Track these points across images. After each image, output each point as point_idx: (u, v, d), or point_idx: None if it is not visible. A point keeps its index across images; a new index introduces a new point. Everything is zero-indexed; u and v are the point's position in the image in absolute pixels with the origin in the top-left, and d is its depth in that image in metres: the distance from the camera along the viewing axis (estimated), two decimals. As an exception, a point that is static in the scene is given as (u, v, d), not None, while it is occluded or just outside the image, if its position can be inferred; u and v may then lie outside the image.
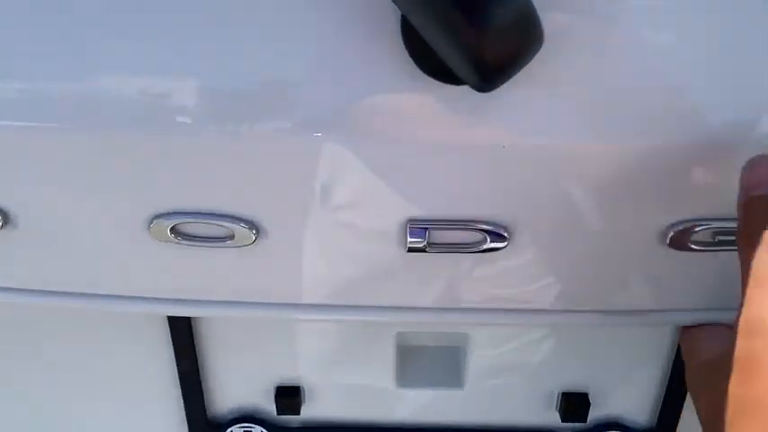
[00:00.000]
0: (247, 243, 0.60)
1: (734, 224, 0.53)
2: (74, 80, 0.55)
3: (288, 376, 0.85)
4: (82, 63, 0.55)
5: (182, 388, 0.84)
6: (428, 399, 0.85)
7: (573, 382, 0.83)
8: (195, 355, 0.82)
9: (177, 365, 0.82)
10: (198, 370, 0.83)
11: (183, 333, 0.79)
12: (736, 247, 0.51)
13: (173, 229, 0.60)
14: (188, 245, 0.61)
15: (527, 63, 0.48)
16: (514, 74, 0.48)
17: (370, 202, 0.59)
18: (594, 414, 0.85)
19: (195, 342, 0.80)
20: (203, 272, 0.64)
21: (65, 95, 0.55)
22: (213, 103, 0.54)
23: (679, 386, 0.82)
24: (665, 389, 0.84)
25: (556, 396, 0.84)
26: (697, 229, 0.59)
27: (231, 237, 0.60)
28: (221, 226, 0.59)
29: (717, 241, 0.59)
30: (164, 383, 0.84)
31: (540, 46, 0.48)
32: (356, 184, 0.58)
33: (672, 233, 0.58)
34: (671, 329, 0.79)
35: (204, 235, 0.60)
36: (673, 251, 0.60)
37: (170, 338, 0.79)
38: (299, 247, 0.62)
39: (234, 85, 0.53)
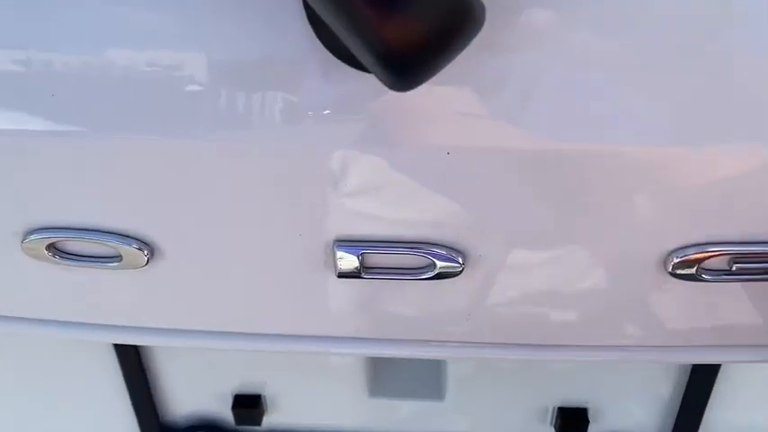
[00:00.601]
0: (138, 265, 0.50)
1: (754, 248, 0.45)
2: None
3: (247, 384, 0.79)
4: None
5: (129, 392, 0.79)
6: (404, 411, 0.79)
7: (570, 396, 0.76)
8: (140, 359, 0.76)
9: (121, 369, 0.77)
10: (144, 373, 0.78)
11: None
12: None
13: (50, 247, 0.51)
14: (69, 265, 0.51)
15: (458, 52, 0.34)
16: (440, 68, 0.34)
17: (290, 218, 0.49)
18: (595, 432, 0.78)
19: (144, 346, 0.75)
20: (100, 295, 0.55)
21: None
22: (93, 102, 0.46)
23: (696, 401, 0.73)
24: (679, 404, 0.75)
25: (550, 411, 0.77)
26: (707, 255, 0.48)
27: (118, 257, 0.49)
28: (104, 245, 0.49)
29: (734, 270, 0.48)
30: (115, 388, 0.79)
31: (478, 28, 0.35)
32: (272, 195, 0.48)
33: (675, 260, 0.48)
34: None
35: (88, 254, 0.51)
36: (676, 281, 0.49)
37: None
38: (201, 271, 0.52)
39: (120, 83, 0.46)
